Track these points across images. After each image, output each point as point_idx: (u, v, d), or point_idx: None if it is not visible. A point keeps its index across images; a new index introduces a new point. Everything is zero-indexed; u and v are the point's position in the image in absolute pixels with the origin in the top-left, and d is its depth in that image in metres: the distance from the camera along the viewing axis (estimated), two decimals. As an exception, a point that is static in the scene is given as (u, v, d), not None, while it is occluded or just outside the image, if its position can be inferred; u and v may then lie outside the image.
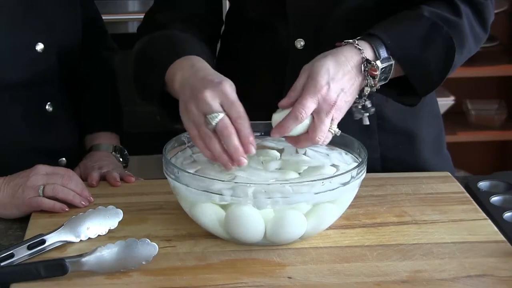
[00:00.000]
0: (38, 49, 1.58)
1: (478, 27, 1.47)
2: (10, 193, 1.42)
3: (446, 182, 1.55)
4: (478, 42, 1.49)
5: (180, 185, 1.29)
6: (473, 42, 1.47)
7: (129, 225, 1.36)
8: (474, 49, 1.49)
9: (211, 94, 1.28)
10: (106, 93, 1.76)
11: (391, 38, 1.38)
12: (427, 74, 1.42)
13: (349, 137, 1.40)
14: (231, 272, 1.23)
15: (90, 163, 1.62)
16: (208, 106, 1.27)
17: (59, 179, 1.43)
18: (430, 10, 1.42)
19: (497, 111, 3.24)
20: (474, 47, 1.49)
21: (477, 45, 1.49)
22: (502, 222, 1.39)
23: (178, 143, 1.40)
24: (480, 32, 1.48)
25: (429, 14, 1.42)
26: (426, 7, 1.43)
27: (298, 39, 1.52)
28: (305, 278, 1.22)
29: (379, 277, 1.22)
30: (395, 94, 1.46)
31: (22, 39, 1.56)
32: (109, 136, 1.71)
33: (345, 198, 1.32)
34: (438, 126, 1.70)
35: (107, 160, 1.63)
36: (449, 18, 1.43)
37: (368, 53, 1.35)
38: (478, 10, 1.47)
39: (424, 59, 1.40)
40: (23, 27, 1.56)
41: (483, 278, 1.22)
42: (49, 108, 1.62)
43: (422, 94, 1.44)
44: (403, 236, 1.34)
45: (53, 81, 1.64)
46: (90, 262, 1.20)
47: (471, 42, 1.46)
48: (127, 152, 1.69)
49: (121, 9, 2.68)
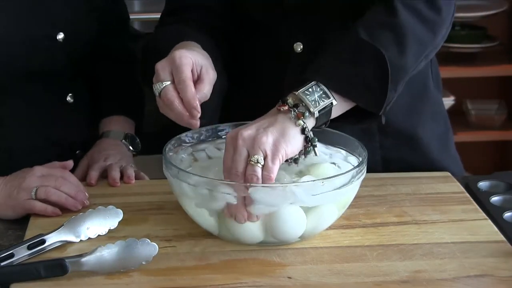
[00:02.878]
0: (59, 38, 1.57)
1: (429, 12, 1.41)
2: (7, 194, 1.41)
3: (446, 182, 1.55)
4: (434, 28, 1.42)
5: (180, 185, 1.29)
6: (425, 31, 1.40)
7: (129, 225, 1.36)
8: (430, 37, 1.42)
9: (161, 64, 1.30)
10: (126, 78, 1.75)
11: (322, 74, 1.32)
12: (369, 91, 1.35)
13: (349, 137, 1.40)
14: (231, 272, 1.23)
15: (97, 154, 1.60)
16: (156, 75, 1.29)
17: (53, 181, 1.42)
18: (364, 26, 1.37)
19: (497, 111, 3.24)
20: (430, 35, 1.42)
21: (433, 32, 1.42)
22: (502, 222, 1.39)
23: (178, 143, 1.41)
24: (433, 16, 1.41)
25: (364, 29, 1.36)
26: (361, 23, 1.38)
27: (296, 43, 1.52)
28: (305, 278, 1.22)
29: (379, 277, 1.22)
30: (353, 121, 1.39)
31: (42, 28, 1.56)
32: (122, 121, 1.69)
33: (345, 198, 1.32)
34: (444, 126, 1.68)
35: (114, 149, 1.62)
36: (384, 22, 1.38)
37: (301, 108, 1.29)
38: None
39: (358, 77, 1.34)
40: (43, 16, 1.56)
41: (483, 278, 1.22)
42: (70, 99, 1.62)
43: (377, 111, 1.36)
44: (403, 236, 1.34)
45: (74, 72, 1.64)
46: (90, 262, 1.20)
47: (422, 33, 1.40)
48: (138, 140, 1.68)
49: (121, 9, 2.68)
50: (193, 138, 1.43)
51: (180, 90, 1.28)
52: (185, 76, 1.28)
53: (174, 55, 1.30)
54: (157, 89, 1.29)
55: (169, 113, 1.30)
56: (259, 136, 1.25)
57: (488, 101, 3.26)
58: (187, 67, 1.29)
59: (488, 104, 3.25)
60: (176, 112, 1.28)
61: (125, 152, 1.64)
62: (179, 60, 1.29)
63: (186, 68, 1.29)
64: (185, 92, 1.28)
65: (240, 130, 1.26)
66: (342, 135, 1.40)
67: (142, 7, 2.70)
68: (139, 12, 2.67)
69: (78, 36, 1.61)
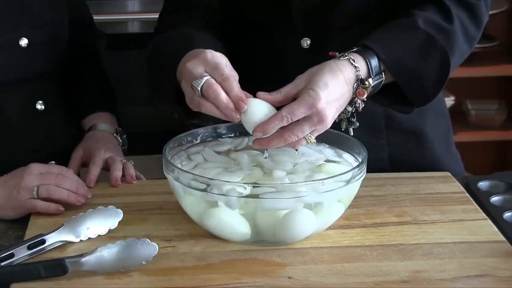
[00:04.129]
0: (23, 45, 1.55)
1: (471, 27, 1.46)
2: (6, 194, 1.41)
3: (446, 182, 1.55)
4: (472, 43, 1.48)
5: (180, 185, 1.29)
6: (466, 44, 1.45)
7: (129, 225, 1.36)
8: (467, 51, 1.48)
9: (192, 63, 1.29)
10: (99, 77, 1.74)
11: (386, 52, 1.36)
12: (422, 88, 1.40)
13: (349, 137, 1.40)
14: (231, 272, 1.23)
15: (95, 144, 1.59)
16: (190, 74, 1.29)
17: (53, 179, 1.41)
18: (424, 18, 1.41)
19: (497, 111, 3.24)
20: (468, 49, 1.48)
21: (471, 46, 1.48)
22: (502, 222, 1.39)
23: (178, 143, 1.40)
24: (474, 32, 1.47)
25: (423, 24, 1.40)
26: (420, 14, 1.41)
27: (303, 38, 1.52)
28: (305, 278, 1.22)
29: (379, 277, 1.22)
30: (386, 102, 1.45)
31: (4, 35, 1.54)
32: (107, 116, 1.69)
33: (345, 198, 1.32)
34: (446, 125, 1.70)
35: (110, 142, 1.62)
36: (442, 26, 1.41)
37: (363, 71, 1.33)
38: (471, 11, 1.46)
39: (419, 73, 1.39)
40: (4, 22, 1.53)
41: (483, 278, 1.22)
42: (40, 106, 1.60)
43: (417, 105, 1.43)
44: (403, 236, 1.34)
45: (43, 78, 1.61)
46: (90, 262, 1.20)
47: (463, 46, 1.45)
48: (125, 136, 1.68)
49: (120, 9, 2.68)
50: (194, 138, 1.43)
51: (225, 86, 1.27)
52: (227, 72, 1.28)
53: (206, 54, 1.30)
54: (198, 85, 1.27)
55: (212, 107, 1.28)
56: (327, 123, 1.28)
57: (488, 101, 3.26)
58: (224, 65, 1.29)
59: (488, 104, 3.25)
60: (222, 105, 1.26)
61: (119, 147, 1.64)
62: (214, 59, 1.29)
63: (224, 66, 1.29)
64: (232, 87, 1.27)
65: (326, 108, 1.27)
66: (343, 135, 1.40)
67: (142, 7, 2.70)
68: (139, 12, 2.67)
69: (44, 41, 1.59)
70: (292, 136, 1.27)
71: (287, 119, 1.26)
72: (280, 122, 1.26)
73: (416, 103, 1.42)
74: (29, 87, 1.59)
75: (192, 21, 1.53)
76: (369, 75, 1.34)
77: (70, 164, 1.57)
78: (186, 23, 1.52)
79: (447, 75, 1.41)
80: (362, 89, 1.33)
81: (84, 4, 1.78)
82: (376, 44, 1.36)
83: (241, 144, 1.44)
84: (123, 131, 1.68)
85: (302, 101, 1.27)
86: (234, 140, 1.45)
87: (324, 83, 1.29)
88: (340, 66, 1.32)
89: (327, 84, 1.29)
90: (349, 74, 1.32)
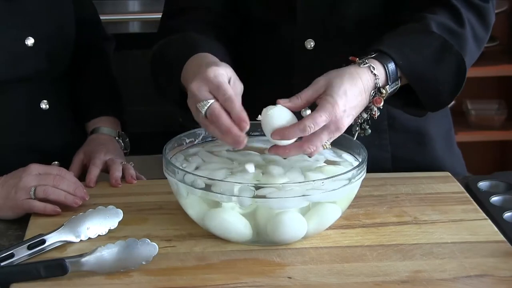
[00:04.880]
0: (28, 44, 1.56)
1: (480, 30, 1.47)
2: (4, 194, 1.41)
3: (446, 182, 1.55)
4: (480, 46, 1.49)
5: (180, 185, 1.29)
6: (475, 48, 1.46)
7: (129, 225, 1.36)
8: (477, 54, 1.48)
9: (197, 84, 1.28)
10: (106, 80, 1.74)
11: (403, 57, 1.36)
12: (438, 94, 1.41)
13: (349, 137, 1.40)
14: (231, 272, 1.23)
15: (96, 146, 1.59)
16: (195, 97, 1.28)
17: (51, 180, 1.41)
18: (437, 23, 1.40)
19: (497, 111, 3.24)
20: (477, 52, 1.48)
21: (479, 49, 1.49)
22: (502, 222, 1.39)
23: (178, 143, 1.40)
24: (483, 35, 1.48)
25: (437, 29, 1.40)
26: (432, 18, 1.41)
27: (308, 39, 1.52)
28: (305, 278, 1.22)
29: (379, 277, 1.22)
30: (399, 105, 1.45)
31: (9, 34, 1.54)
32: (110, 120, 1.69)
33: (345, 198, 1.32)
34: (448, 124, 1.70)
35: (112, 145, 1.62)
36: (454, 30, 1.41)
37: (382, 79, 1.34)
38: (480, 13, 1.46)
39: (435, 78, 1.39)
40: (10, 21, 1.54)
41: (483, 278, 1.22)
42: (44, 106, 1.61)
43: (432, 110, 1.44)
44: (403, 236, 1.34)
45: (48, 77, 1.62)
46: (90, 262, 1.20)
47: (473, 49, 1.45)
48: (128, 140, 1.68)
49: (121, 9, 2.68)
50: (194, 138, 1.43)
51: (227, 107, 1.26)
52: (230, 93, 1.27)
53: (208, 74, 1.28)
54: (203, 109, 1.27)
55: (215, 130, 1.28)
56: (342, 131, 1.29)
57: (488, 101, 3.26)
58: (226, 84, 1.28)
59: (488, 104, 3.25)
60: (224, 127, 1.26)
61: (120, 150, 1.64)
62: (217, 79, 1.28)
63: (227, 86, 1.28)
64: (234, 108, 1.26)
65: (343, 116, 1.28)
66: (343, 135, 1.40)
67: (142, 7, 2.70)
68: (139, 12, 2.68)
69: (50, 41, 1.59)
70: (311, 147, 1.27)
71: (309, 130, 1.26)
72: (302, 132, 1.26)
73: (431, 108, 1.43)
74: (34, 86, 1.60)
75: (194, 24, 1.52)
76: (387, 82, 1.34)
77: (70, 166, 1.58)
78: (188, 26, 1.52)
79: (463, 79, 1.41)
80: (379, 98, 1.34)
81: (91, 4, 1.78)
82: (392, 50, 1.36)
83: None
84: (126, 135, 1.68)
85: (323, 110, 1.27)
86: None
87: (343, 91, 1.29)
88: (360, 74, 1.32)
89: (346, 92, 1.29)
90: (368, 82, 1.33)
